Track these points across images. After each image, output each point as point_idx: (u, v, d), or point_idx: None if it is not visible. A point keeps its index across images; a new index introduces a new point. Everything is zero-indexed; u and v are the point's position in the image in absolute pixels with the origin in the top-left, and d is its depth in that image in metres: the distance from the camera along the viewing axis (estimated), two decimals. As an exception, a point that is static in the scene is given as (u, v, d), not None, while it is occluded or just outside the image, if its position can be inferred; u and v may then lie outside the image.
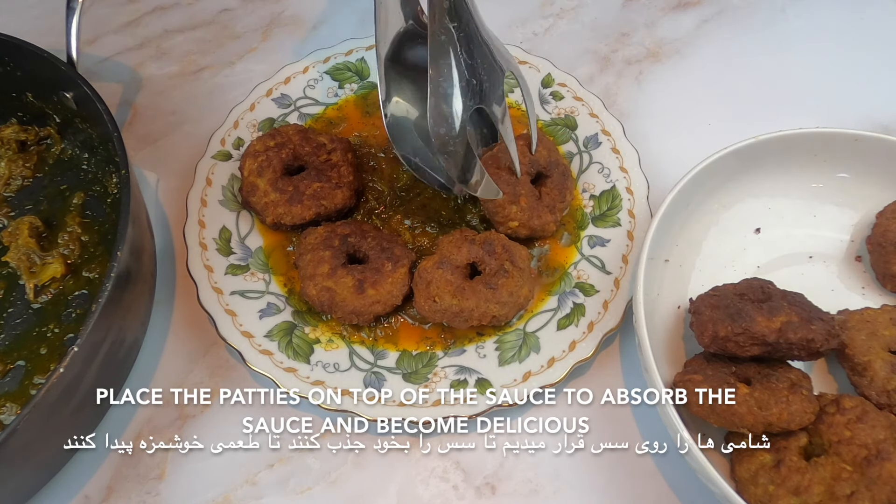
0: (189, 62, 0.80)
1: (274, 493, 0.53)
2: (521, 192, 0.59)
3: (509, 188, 0.59)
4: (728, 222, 0.62)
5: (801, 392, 0.48)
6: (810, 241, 0.62)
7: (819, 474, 0.46)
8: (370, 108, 0.70)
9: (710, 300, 0.53)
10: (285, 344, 0.56)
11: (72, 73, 0.58)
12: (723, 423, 0.48)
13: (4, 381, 0.53)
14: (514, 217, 0.59)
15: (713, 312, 0.51)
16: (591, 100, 0.70)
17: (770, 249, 0.62)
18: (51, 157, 0.66)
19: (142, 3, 0.85)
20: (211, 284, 0.58)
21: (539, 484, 0.53)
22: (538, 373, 0.55)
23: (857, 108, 0.74)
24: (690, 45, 0.81)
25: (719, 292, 0.54)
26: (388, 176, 0.66)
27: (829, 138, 0.60)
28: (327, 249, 0.57)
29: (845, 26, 0.82)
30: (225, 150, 0.66)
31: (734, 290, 0.54)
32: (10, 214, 0.62)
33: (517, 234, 0.60)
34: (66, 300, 0.57)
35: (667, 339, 0.57)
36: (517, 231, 0.60)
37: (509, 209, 0.59)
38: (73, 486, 0.53)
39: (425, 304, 0.55)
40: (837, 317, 0.55)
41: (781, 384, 0.48)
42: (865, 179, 0.61)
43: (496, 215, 0.59)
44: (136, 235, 0.52)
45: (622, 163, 0.65)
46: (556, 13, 0.84)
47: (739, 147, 0.59)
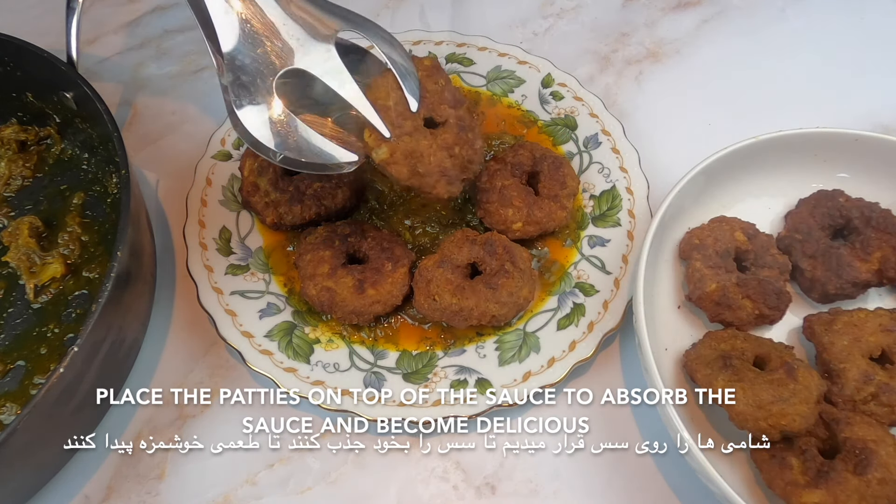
0: (189, 62, 0.80)
1: (274, 493, 0.53)
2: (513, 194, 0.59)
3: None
4: (728, 222, 0.62)
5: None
6: (810, 240, 0.62)
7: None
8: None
9: (801, 247, 0.57)
10: (285, 344, 0.56)
11: (72, 73, 0.58)
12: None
13: (4, 381, 0.53)
14: (512, 219, 0.59)
15: (814, 268, 0.55)
16: (591, 100, 0.70)
17: (770, 249, 0.61)
18: (51, 157, 0.66)
19: (142, 3, 0.85)
20: (211, 284, 0.58)
21: (539, 484, 0.53)
22: (538, 373, 0.55)
23: (857, 108, 0.74)
24: (690, 45, 0.81)
25: (801, 230, 0.57)
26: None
27: (829, 138, 0.60)
28: (327, 249, 0.57)
29: (845, 26, 0.82)
30: (225, 150, 0.66)
31: (814, 221, 0.58)
32: (10, 214, 0.62)
33: (527, 235, 0.60)
34: (66, 300, 0.57)
35: (667, 339, 0.57)
36: (525, 231, 0.60)
37: (505, 213, 0.59)
38: (73, 486, 0.53)
39: (425, 302, 0.55)
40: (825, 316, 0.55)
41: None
42: (865, 179, 0.61)
43: (498, 225, 0.59)
44: (136, 235, 0.52)
45: (622, 163, 0.65)
46: (556, 13, 0.84)
47: (739, 147, 0.58)
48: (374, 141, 0.52)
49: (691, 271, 0.56)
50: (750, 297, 0.54)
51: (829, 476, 0.46)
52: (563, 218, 0.61)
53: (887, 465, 0.46)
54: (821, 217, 0.58)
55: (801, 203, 0.60)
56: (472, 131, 0.55)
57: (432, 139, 0.53)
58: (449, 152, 0.53)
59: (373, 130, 0.52)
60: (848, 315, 0.54)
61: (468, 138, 0.55)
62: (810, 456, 0.47)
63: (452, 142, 0.54)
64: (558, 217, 0.60)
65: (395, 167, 0.52)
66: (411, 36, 0.75)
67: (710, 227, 0.58)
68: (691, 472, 0.49)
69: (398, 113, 0.52)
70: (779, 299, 0.54)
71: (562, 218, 0.61)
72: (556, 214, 0.60)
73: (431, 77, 0.55)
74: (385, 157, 0.52)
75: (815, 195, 0.60)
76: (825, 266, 0.56)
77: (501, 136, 0.68)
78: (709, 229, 0.58)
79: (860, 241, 0.56)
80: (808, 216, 0.59)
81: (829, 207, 0.58)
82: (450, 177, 0.53)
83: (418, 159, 0.52)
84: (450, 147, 0.53)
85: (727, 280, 0.55)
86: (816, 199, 0.59)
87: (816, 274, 0.56)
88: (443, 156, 0.53)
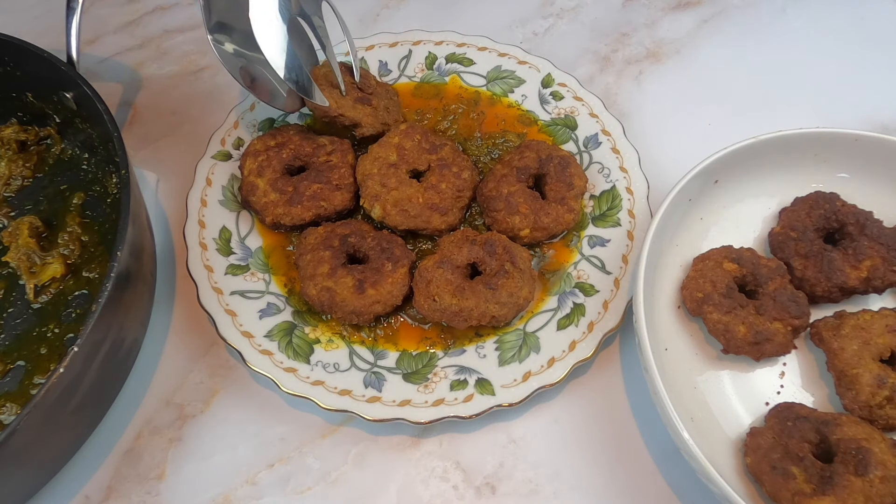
0: (189, 62, 0.80)
1: (274, 493, 0.53)
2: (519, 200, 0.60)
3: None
4: (728, 222, 0.62)
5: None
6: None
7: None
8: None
9: (794, 246, 0.57)
10: (285, 344, 0.56)
11: (72, 73, 0.58)
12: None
13: (4, 381, 0.53)
14: (519, 226, 0.59)
15: (805, 268, 0.56)
16: (591, 100, 0.70)
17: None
18: (51, 157, 0.66)
19: (142, 3, 0.85)
20: (211, 284, 0.58)
21: (539, 484, 0.53)
22: (538, 373, 0.55)
23: (857, 108, 0.75)
24: (690, 45, 0.81)
25: (796, 228, 0.57)
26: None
27: (829, 138, 0.60)
28: (327, 249, 0.57)
29: (845, 26, 0.82)
30: (225, 150, 0.66)
31: (810, 221, 0.58)
32: (10, 214, 0.62)
33: (535, 241, 0.61)
34: (66, 300, 0.57)
35: (667, 339, 0.57)
36: (533, 237, 0.60)
37: (512, 220, 0.59)
38: (73, 486, 0.53)
39: (425, 303, 0.55)
40: (831, 320, 0.55)
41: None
42: (865, 179, 0.61)
43: (506, 232, 0.60)
44: (136, 235, 0.52)
45: (622, 163, 0.65)
46: (556, 13, 0.84)
47: (739, 147, 0.58)
48: (369, 203, 0.60)
49: (713, 325, 0.54)
50: (776, 318, 0.53)
51: (833, 481, 0.46)
52: (570, 221, 0.61)
53: (885, 462, 0.46)
54: (817, 218, 0.58)
55: (797, 201, 0.60)
56: (456, 165, 0.62)
57: (418, 185, 0.61)
58: (435, 190, 0.60)
59: (364, 196, 0.61)
60: (854, 318, 0.54)
61: (453, 172, 0.61)
62: (809, 462, 0.47)
63: (437, 180, 0.61)
64: (566, 220, 0.61)
65: (390, 218, 0.60)
66: (411, 36, 0.75)
67: (700, 273, 0.56)
68: (691, 472, 0.49)
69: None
70: (798, 304, 0.54)
71: (569, 221, 0.61)
72: (564, 218, 0.60)
73: (408, 136, 0.63)
74: (380, 213, 0.60)
75: (812, 195, 0.60)
76: (816, 268, 0.56)
77: (504, 134, 0.69)
78: (701, 276, 0.56)
79: (853, 247, 0.56)
80: (804, 216, 0.59)
81: (827, 210, 0.58)
82: (441, 209, 0.60)
83: (407, 204, 0.59)
84: (435, 185, 0.61)
85: (748, 316, 0.53)
86: (814, 200, 0.59)
87: (807, 274, 0.56)
88: (430, 194, 0.60)
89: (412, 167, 0.62)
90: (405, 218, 0.60)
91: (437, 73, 0.73)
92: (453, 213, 0.61)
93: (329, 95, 0.62)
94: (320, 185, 0.61)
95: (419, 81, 0.72)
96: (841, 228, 0.58)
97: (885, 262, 0.55)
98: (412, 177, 0.62)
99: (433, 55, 0.73)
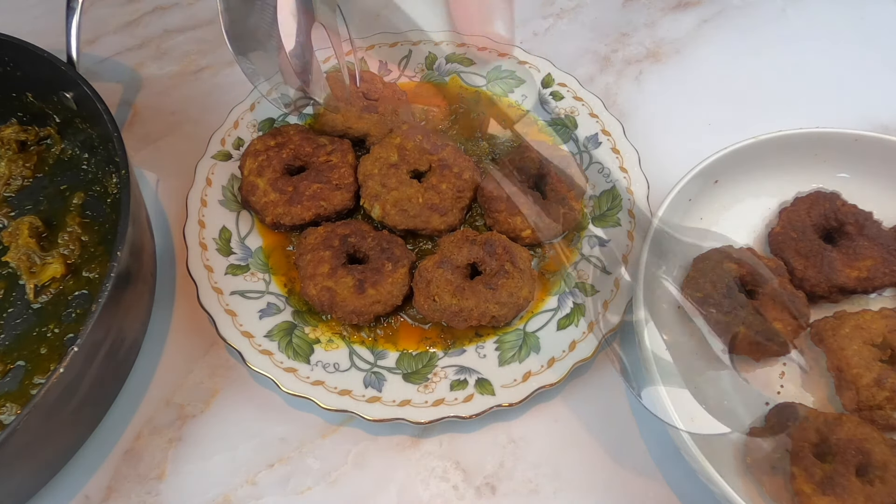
0: (189, 62, 0.80)
1: (274, 493, 0.53)
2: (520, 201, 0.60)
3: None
4: (728, 222, 0.62)
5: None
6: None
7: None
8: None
9: (795, 246, 0.57)
10: (285, 344, 0.56)
11: (72, 73, 0.58)
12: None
13: (4, 381, 0.53)
14: (521, 227, 0.59)
15: (805, 268, 0.56)
16: (591, 100, 0.70)
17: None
18: (51, 157, 0.66)
19: (142, 3, 0.85)
20: (211, 284, 0.58)
21: (539, 484, 0.53)
22: (538, 373, 0.55)
23: (857, 108, 0.75)
24: (690, 45, 0.81)
25: (796, 228, 0.58)
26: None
27: (829, 138, 0.60)
28: (327, 249, 0.57)
29: (845, 26, 0.82)
30: (225, 150, 0.66)
31: (810, 220, 0.58)
32: (10, 214, 0.62)
33: (537, 242, 0.61)
34: (66, 300, 0.57)
35: (667, 339, 0.57)
36: (535, 238, 0.60)
37: (513, 222, 0.59)
38: (73, 486, 0.53)
39: (425, 303, 0.55)
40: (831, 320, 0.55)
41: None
42: (865, 179, 0.61)
43: (507, 233, 0.60)
44: (136, 235, 0.52)
45: (622, 163, 0.65)
46: (556, 13, 0.84)
47: (739, 147, 0.58)
48: (369, 203, 0.61)
49: (713, 325, 0.53)
50: (776, 318, 0.53)
51: (833, 481, 0.46)
52: (572, 220, 0.61)
53: (885, 463, 0.46)
54: (817, 217, 0.58)
55: (797, 200, 0.60)
56: (457, 166, 0.62)
57: (418, 185, 0.61)
58: (435, 190, 0.60)
59: (365, 196, 0.61)
60: (854, 318, 0.54)
61: (454, 173, 0.61)
62: (809, 462, 0.47)
63: (437, 181, 0.61)
64: (569, 220, 0.61)
65: (389, 217, 0.60)
66: (411, 36, 0.75)
67: (700, 273, 0.55)
68: (691, 472, 0.49)
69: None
70: (798, 304, 0.54)
71: (571, 220, 0.61)
72: (568, 218, 0.60)
73: (409, 137, 0.63)
74: (379, 213, 0.60)
75: (813, 194, 0.60)
76: (816, 268, 0.56)
77: (505, 133, 0.69)
78: (701, 276, 0.55)
79: (853, 247, 0.56)
80: (804, 215, 0.59)
81: (827, 209, 0.58)
82: (441, 209, 0.60)
83: (406, 204, 0.60)
84: (435, 186, 0.61)
85: (748, 315, 0.53)
86: (814, 199, 0.59)
87: (807, 274, 0.56)
88: (430, 195, 0.60)
89: (413, 167, 0.62)
90: (404, 218, 0.60)
91: (437, 73, 0.73)
92: (453, 213, 0.61)
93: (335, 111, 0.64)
94: (320, 185, 0.61)
95: (419, 81, 0.72)
96: (840, 228, 0.58)
97: (883, 262, 0.55)
98: (413, 177, 0.62)
99: (433, 55, 0.74)
